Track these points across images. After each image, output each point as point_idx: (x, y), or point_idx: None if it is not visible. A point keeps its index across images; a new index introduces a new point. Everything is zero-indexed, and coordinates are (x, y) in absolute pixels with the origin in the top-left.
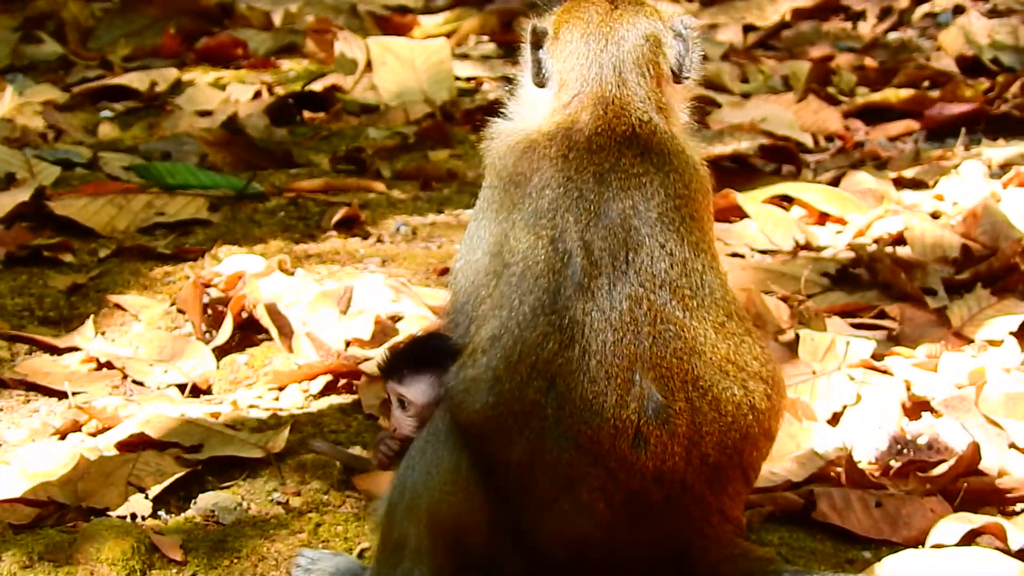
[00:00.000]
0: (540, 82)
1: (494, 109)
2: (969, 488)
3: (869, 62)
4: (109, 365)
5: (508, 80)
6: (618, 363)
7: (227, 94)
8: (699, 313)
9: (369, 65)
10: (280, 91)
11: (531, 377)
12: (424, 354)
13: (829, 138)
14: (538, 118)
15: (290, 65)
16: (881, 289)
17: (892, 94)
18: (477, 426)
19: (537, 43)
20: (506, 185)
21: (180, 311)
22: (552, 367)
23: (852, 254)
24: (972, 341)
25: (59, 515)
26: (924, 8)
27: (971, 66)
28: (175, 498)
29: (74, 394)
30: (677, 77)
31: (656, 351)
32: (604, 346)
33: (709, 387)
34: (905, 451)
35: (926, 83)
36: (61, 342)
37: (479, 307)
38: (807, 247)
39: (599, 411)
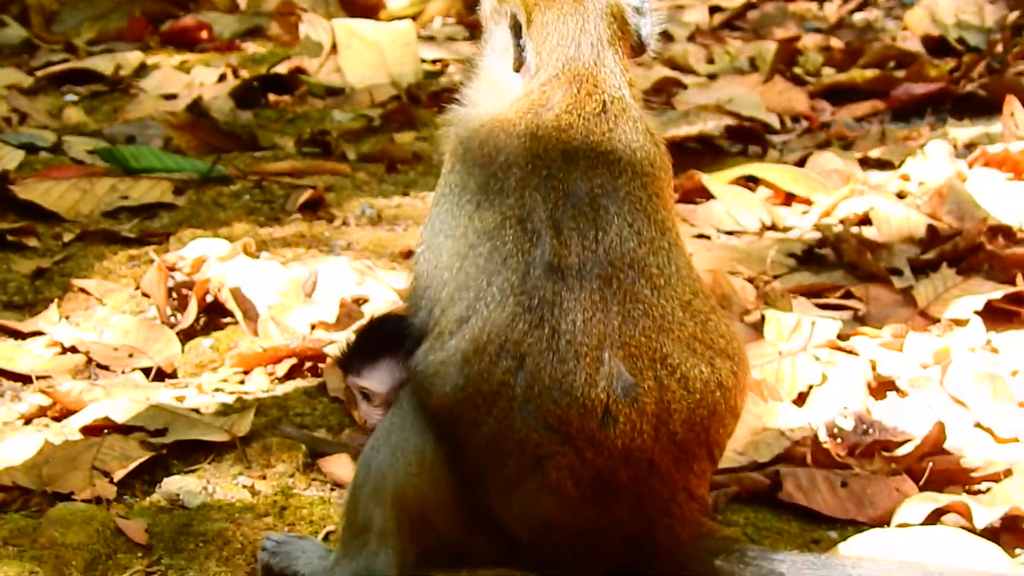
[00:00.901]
0: (519, 66)
1: (458, 92)
2: (934, 468)
3: (835, 43)
4: (74, 349)
5: (467, 64)
6: (587, 342)
7: (192, 77)
8: (667, 291)
9: (334, 48)
10: (245, 74)
11: (500, 358)
12: (378, 342)
13: (795, 119)
14: (504, 101)
15: (255, 48)
16: (847, 269)
17: (858, 74)
18: (446, 409)
19: (516, 28)
20: (470, 168)
21: (145, 295)
22: (521, 347)
23: (818, 235)
24: (938, 321)
25: (24, 500)
26: None
27: (937, 46)
28: (140, 482)
29: (39, 379)
30: (637, 52)
31: (625, 330)
32: (574, 326)
33: (677, 365)
34: (871, 431)
35: (892, 64)
36: (25, 327)
37: (442, 291)
38: (773, 228)
39: (568, 390)
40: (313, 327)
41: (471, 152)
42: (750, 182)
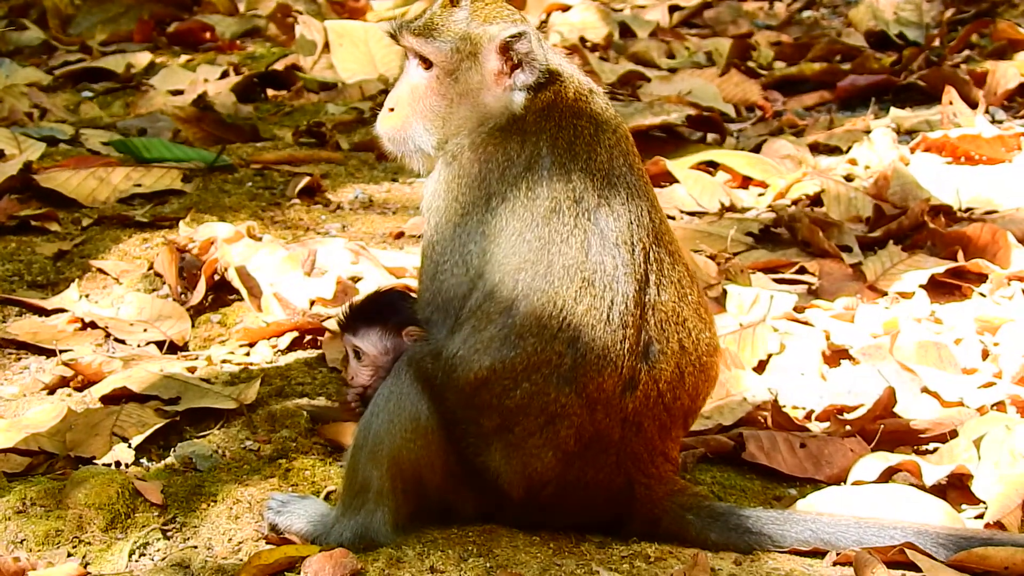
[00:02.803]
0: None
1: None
2: (886, 429)
3: (785, 38)
4: (93, 325)
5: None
6: (635, 312)
7: (197, 75)
8: (678, 261)
9: (327, 46)
10: (246, 71)
11: (560, 330)
12: (377, 309)
13: (750, 108)
14: (499, 110)
15: (254, 47)
16: (801, 247)
17: (807, 67)
18: (480, 380)
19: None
20: (485, 174)
21: (157, 275)
22: (583, 319)
23: (773, 215)
24: (885, 294)
25: (49, 464)
26: None
27: (879, 41)
28: (155, 447)
29: (61, 352)
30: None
31: (659, 299)
32: (627, 297)
33: (692, 329)
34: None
35: (838, 57)
36: (48, 304)
37: (478, 281)
38: (732, 209)
39: (612, 359)
40: (312, 303)
41: (483, 158)
42: (710, 167)
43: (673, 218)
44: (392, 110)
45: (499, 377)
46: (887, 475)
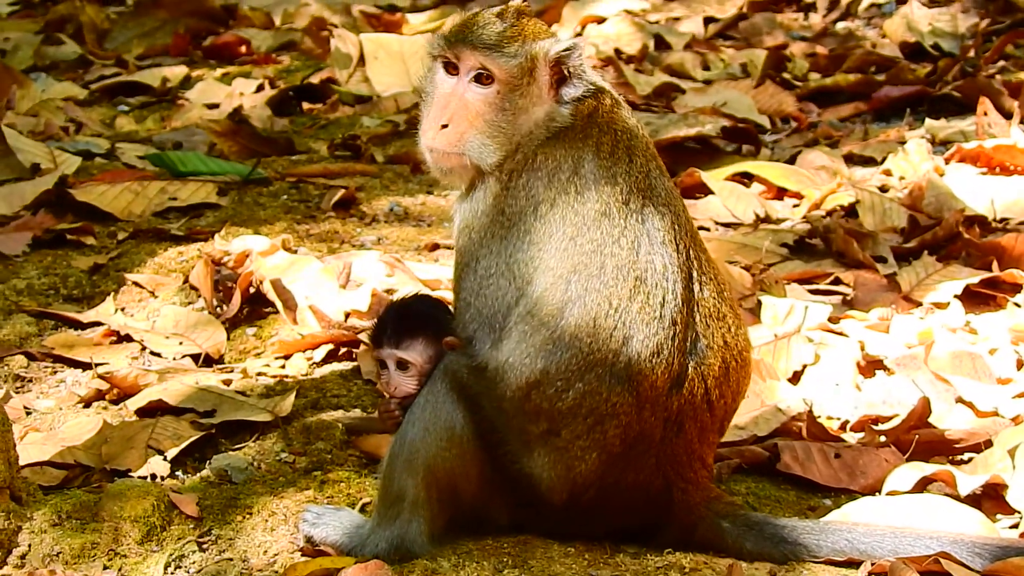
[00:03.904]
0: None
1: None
2: (920, 439)
3: (820, 50)
4: (128, 338)
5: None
6: (683, 309)
7: (232, 88)
8: (710, 258)
9: (362, 59)
10: (281, 84)
11: (616, 329)
12: (416, 317)
13: (785, 120)
14: (547, 123)
15: (290, 61)
16: (835, 258)
17: (842, 78)
18: (530, 385)
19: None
20: (532, 183)
21: (193, 288)
22: (638, 318)
23: (808, 226)
24: (920, 304)
25: (85, 476)
26: None
27: (914, 52)
28: (191, 459)
29: (97, 365)
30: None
31: (703, 295)
32: (675, 295)
33: (731, 325)
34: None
35: (873, 68)
36: (84, 317)
37: (526, 288)
38: (767, 220)
39: (665, 356)
40: (347, 315)
41: (541, 162)
42: (745, 178)
43: (708, 229)
44: (445, 126)
45: (552, 379)
46: (922, 485)
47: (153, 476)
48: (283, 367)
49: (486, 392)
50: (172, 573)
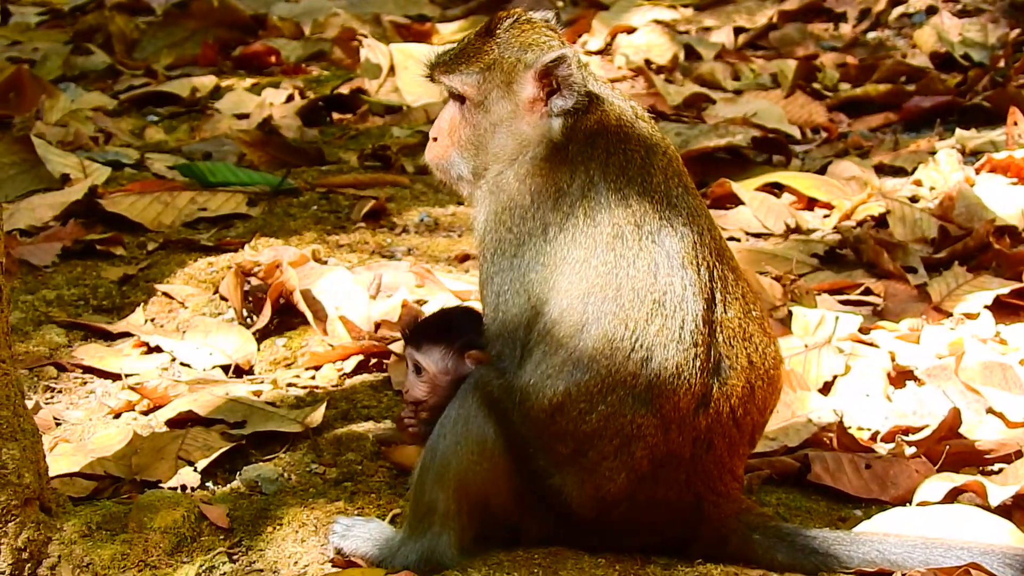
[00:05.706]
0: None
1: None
2: (951, 450)
3: (850, 60)
4: (158, 349)
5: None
6: (704, 330)
7: (262, 98)
8: (740, 276)
9: (392, 70)
10: (311, 95)
11: (633, 351)
12: (444, 327)
13: (815, 130)
14: (537, 138)
15: (319, 71)
16: (866, 268)
17: (872, 88)
18: (553, 407)
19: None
20: (537, 205)
21: (223, 298)
22: (656, 339)
23: (839, 236)
24: (951, 315)
25: (115, 487)
26: (900, 9)
27: (944, 62)
28: (221, 470)
29: (127, 376)
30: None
31: (727, 315)
32: (696, 316)
33: (758, 344)
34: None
35: (903, 78)
36: (114, 328)
37: (544, 308)
38: (797, 230)
39: (687, 377)
40: (377, 326)
41: (533, 188)
42: (775, 188)
43: (738, 240)
44: (435, 140)
45: (575, 400)
46: (952, 496)
47: (183, 487)
48: (313, 378)
49: (515, 408)
50: None
